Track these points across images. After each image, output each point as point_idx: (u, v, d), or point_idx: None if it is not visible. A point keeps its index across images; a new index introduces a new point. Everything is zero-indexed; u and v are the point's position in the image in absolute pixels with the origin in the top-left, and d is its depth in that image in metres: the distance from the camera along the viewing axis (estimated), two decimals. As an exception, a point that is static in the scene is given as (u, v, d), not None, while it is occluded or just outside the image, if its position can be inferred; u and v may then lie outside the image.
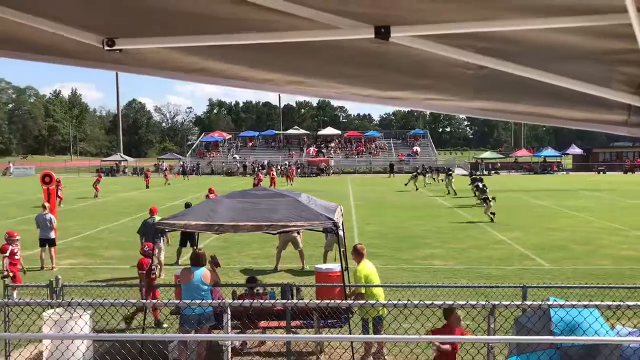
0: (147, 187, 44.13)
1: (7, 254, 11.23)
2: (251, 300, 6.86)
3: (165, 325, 10.04)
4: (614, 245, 17.76)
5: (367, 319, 8.55)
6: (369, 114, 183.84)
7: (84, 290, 10.81)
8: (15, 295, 9.62)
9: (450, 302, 5.55)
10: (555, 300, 5.78)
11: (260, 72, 2.03)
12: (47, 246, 14.94)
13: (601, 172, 62.94)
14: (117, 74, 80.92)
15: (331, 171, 65.61)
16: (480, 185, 26.28)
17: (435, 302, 5.27)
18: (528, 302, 5.85)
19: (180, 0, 1.67)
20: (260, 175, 44.68)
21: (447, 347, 6.28)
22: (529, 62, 1.96)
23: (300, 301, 7.72)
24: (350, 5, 1.69)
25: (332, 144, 78.59)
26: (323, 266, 10.55)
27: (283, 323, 8.69)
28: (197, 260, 8.33)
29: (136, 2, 1.69)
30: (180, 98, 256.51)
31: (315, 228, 8.87)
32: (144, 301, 6.60)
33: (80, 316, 7.51)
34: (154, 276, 10.28)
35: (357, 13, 1.74)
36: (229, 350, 6.31)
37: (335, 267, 9.90)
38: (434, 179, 47.48)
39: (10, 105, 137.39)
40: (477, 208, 27.81)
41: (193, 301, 6.98)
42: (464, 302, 5.30)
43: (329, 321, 8.69)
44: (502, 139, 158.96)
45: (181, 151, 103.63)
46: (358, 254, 8.92)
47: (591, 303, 5.46)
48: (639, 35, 1.66)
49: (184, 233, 13.93)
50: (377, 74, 2.09)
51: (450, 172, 39.22)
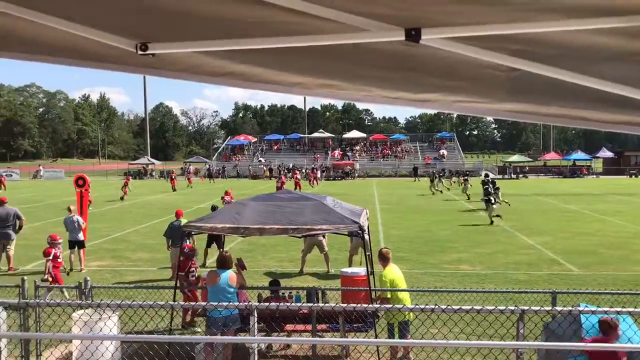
0: (174, 189, 44.63)
1: (51, 257, 11.52)
2: (277, 304, 6.87)
3: (198, 330, 10.11)
4: (646, 250, 17.39)
5: (393, 324, 8.50)
6: (394, 117, 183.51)
7: (111, 291, 10.97)
8: (49, 295, 9.83)
9: (479, 307, 5.48)
10: (586, 307, 5.67)
11: (290, 75, 2.04)
12: (75, 248, 15.20)
13: (633, 176, 61.67)
14: (144, 78, 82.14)
15: (356, 174, 65.51)
16: (489, 188, 25.88)
17: (463, 307, 5.21)
18: (558, 308, 5.75)
19: (211, 5, 1.68)
20: (283, 178, 44.75)
21: None
22: (563, 64, 1.93)
23: (327, 305, 7.71)
24: (381, 7, 1.68)
25: (357, 147, 78.49)
26: (349, 270, 10.52)
27: (309, 326, 8.69)
28: (224, 262, 8.38)
29: (169, 6, 1.71)
30: (207, 102, 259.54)
31: (341, 231, 8.87)
32: (172, 303, 6.65)
33: (109, 317, 7.62)
34: (193, 278, 10.37)
35: (388, 15, 1.73)
36: (256, 352, 6.32)
37: (361, 271, 9.87)
38: (451, 183, 47.07)
39: (41, 110, 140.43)
40: (504, 212, 27.49)
41: (220, 303, 7.03)
42: (492, 307, 5.24)
43: (354, 325, 8.66)
44: (530, 142, 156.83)
45: (207, 154, 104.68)
46: (384, 258, 8.88)
47: (624, 310, 5.35)
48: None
49: (210, 235, 14.07)
50: (407, 76, 2.08)
51: (467, 177, 38.63)
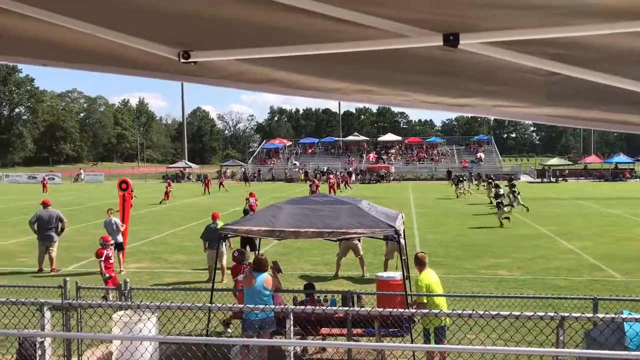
0: (209, 193, 45.38)
1: (103, 258, 11.89)
2: (313, 307, 6.90)
3: (229, 331, 10.20)
4: (693, 256, 16.82)
5: (430, 329, 8.42)
6: (430, 120, 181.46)
7: (150, 293, 11.17)
8: (111, 296, 10.09)
9: (517, 313, 5.39)
10: (630, 314, 5.53)
11: (329, 81, 2.06)
12: (115, 250, 15.50)
13: (678, 180, 59.80)
14: (182, 84, 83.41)
15: (391, 178, 65.17)
16: (500, 192, 26.22)
17: (502, 313, 5.13)
18: (600, 315, 5.61)
19: (252, 13, 1.71)
20: (316, 181, 44.67)
21: None
22: (604, 67, 1.90)
23: (362, 309, 7.69)
24: (419, 13, 1.69)
25: (393, 150, 78.10)
26: (384, 274, 10.48)
27: (344, 330, 8.69)
28: (259, 265, 8.44)
29: (210, 15, 1.75)
30: (243, 106, 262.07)
31: (376, 235, 8.84)
32: (210, 305, 6.74)
33: (148, 318, 7.76)
34: None
35: (426, 21, 1.74)
36: (292, 355, 6.36)
37: (397, 275, 9.81)
38: (477, 186, 46.43)
39: (82, 114, 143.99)
40: (542, 217, 27.00)
41: (256, 306, 7.08)
42: (531, 314, 5.15)
43: (390, 330, 8.61)
44: (570, 145, 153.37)
45: (243, 158, 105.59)
46: (420, 263, 8.81)
47: (669, 318, 5.19)
48: None
49: (244, 237, 14.19)
50: (445, 81, 2.08)
51: (491, 180, 37.94)
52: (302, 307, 7.65)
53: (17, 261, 16.86)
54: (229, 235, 10.05)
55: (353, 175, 63.62)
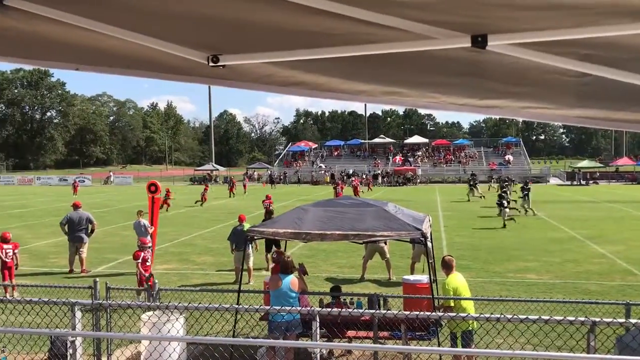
0: (233, 195, 45.69)
1: (140, 260, 12.13)
2: (339, 309, 6.89)
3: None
4: None
5: (457, 333, 8.34)
6: (457, 122, 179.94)
7: (178, 294, 11.31)
8: (141, 297, 10.26)
9: (546, 317, 5.32)
10: (663, 320, 5.40)
11: (356, 84, 2.07)
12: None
13: None
14: (209, 88, 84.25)
15: (418, 180, 64.78)
16: (502, 192, 26.85)
17: (530, 317, 5.06)
18: (633, 320, 5.49)
19: (282, 16, 1.73)
20: (340, 184, 44.56)
21: None
22: (637, 68, 1.87)
23: (389, 312, 7.66)
24: (447, 15, 1.68)
25: (419, 153, 77.62)
26: (411, 277, 10.42)
27: (370, 333, 8.66)
28: (286, 267, 8.47)
29: (239, 19, 1.77)
30: (269, 109, 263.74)
31: (403, 238, 8.80)
32: (237, 306, 6.79)
33: (176, 319, 7.85)
34: None
35: (454, 23, 1.73)
36: (318, 357, 6.36)
37: (424, 278, 9.75)
38: (489, 188, 45.85)
39: (112, 118, 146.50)
40: (573, 220, 26.55)
41: (283, 307, 7.11)
42: (561, 318, 5.06)
43: (417, 333, 8.56)
44: (601, 147, 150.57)
45: (269, 160, 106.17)
46: (447, 266, 8.74)
47: None
48: None
49: (268, 239, 14.24)
50: (473, 83, 2.06)
51: (508, 183, 37.32)
52: (328, 309, 7.66)
53: (49, 262, 17.22)
54: (256, 237, 10.10)
55: (379, 178, 63.42)
